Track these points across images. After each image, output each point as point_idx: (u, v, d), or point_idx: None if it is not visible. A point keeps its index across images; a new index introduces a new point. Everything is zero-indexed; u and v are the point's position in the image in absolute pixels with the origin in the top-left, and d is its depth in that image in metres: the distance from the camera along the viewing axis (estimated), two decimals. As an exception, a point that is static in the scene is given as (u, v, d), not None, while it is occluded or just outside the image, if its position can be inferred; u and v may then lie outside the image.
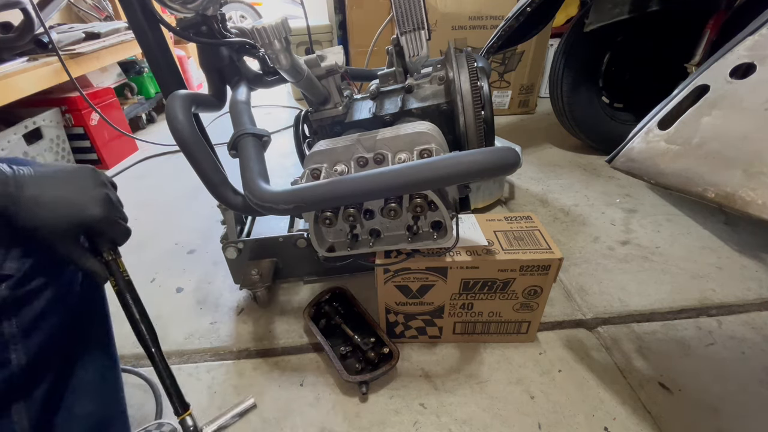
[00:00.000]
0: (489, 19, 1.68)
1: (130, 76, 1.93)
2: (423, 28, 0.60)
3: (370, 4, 1.73)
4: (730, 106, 0.48)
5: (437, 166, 0.48)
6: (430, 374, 0.72)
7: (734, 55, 0.48)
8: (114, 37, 1.65)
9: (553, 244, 0.68)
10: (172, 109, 0.59)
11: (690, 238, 1.04)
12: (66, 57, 1.35)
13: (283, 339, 0.81)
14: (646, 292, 0.88)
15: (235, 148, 0.62)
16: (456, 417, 0.65)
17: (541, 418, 0.65)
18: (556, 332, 0.79)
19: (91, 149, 1.56)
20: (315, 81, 0.63)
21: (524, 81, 1.83)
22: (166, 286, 0.96)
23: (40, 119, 1.36)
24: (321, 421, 0.66)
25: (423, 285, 0.70)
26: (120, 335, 0.83)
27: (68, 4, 1.97)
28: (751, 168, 0.45)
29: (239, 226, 0.89)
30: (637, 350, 0.75)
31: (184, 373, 0.75)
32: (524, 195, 1.26)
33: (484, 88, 0.61)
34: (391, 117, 0.65)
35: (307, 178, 0.60)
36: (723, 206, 0.47)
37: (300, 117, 0.74)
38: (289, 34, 0.51)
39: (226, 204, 0.63)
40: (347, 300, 0.82)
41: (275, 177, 1.44)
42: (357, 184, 0.50)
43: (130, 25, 0.67)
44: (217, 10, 0.68)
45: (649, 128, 0.54)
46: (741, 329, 0.78)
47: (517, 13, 1.12)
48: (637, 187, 1.26)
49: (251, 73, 0.76)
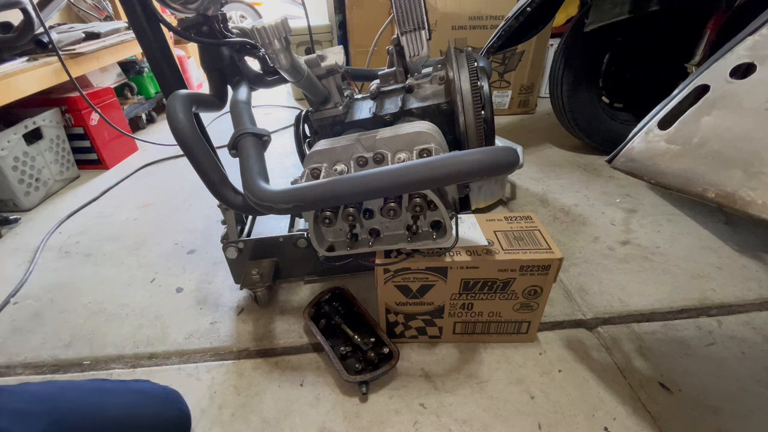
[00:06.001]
0: (489, 19, 1.68)
1: (130, 76, 1.93)
2: (423, 28, 0.60)
3: (370, 4, 1.73)
4: (730, 106, 0.48)
5: (436, 166, 0.48)
6: (430, 374, 0.72)
7: (734, 55, 0.48)
8: (114, 37, 1.65)
9: (553, 244, 0.68)
10: (172, 109, 0.59)
11: (690, 238, 1.04)
12: (66, 57, 1.35)
13: (283, 339, 0.81)
14: (646, 292, 0.88)
15: (235, 147, 0.62)
16: (456, 417, 0.65)
17: (541, 418, 0.65)
18: (556, 332, 0.79)
19: (91, 149, 1.56)
20: (315, 81, 0.63)
21: (524, 81, 1.83)
22: (166, 286, 0.96)
23: (40, 119, 1.36)
24: (321, 421, 0.66)
25: (423, 285, 0.70)
26: (120, 335, 0.84)
27: (68, 4, 1.97)
28: (751, 168, 0.45)
29: (239, 225, 0.89)
30: (637, 350, 0.75)
31: (184, 373, 0.75)
32: (524, 195, 1.26)
33: (484, 87, 0.61)
34: (391, 117, 0.65)
35: (307, 178, 0.60)
36: (723, 206, 0.47)
37: (300, 117, 0.74)
38: (289, 34, 0.51)
39: (226, 203, 0.63)
40: (347, 300, 0.82)
41: (275, 176, 1.45)
42: (356, 183, 0.50)
43: (130, 25, 0.67)
44: (217, 10, 0.68)
45: (649, 128, 0.54)
46: (741, 329, 0.78)
47: (517, 13, 1.12)
48: (637, 187, 1.26)
49: (252, 73, 0.76)
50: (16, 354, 0.80)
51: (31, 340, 0.83)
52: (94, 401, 0.47)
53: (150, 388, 0.55)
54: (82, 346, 0.81)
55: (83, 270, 1.03)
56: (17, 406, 0.41)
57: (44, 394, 0.44)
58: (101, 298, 0.93)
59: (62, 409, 0.43)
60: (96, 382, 0.51)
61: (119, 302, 0.92)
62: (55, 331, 0.85)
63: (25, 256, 1.09)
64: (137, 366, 0.77)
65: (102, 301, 0.92)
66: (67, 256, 1.08)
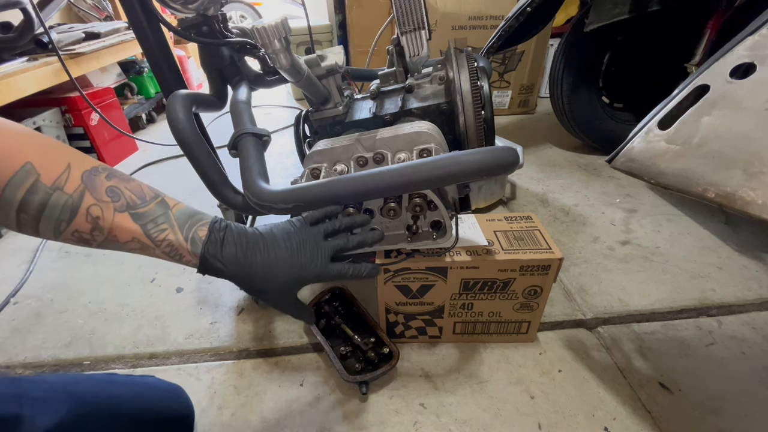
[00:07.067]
0: (489, 19, 1.68)
1: (130, 76, 1.93)
2: (423, 28, 0.60)
3: (370, 4, 1.73)
4: (730, 106, 0.48)
5: (436, 166, 0.48)
6: (430, 374, 0.72)
7: (734, 55, 0.48)
8: (114, 37, 1.65)
9: (553, 244, 0.68)
10: (172, 109, 0.59)
11: (690, 238, 1.04)
12: (66, 57, 1.35)
13: (283, 339, 0.81)
14: (646, 292, 0.88)
15: (235, 147, 0.62)
16: (456, 417, 0.65)
17: (541, 418, 0.65)
18: (556, 332, 0.79)
19: (91, 149, 1.56)
20: (315, 81, 0.63)
21: (524, 81, 1.83)
22: (166, 286, 0.96)
23: (40, 119, 1.36)
24: (321, 421, 0.66)
25: (423, 285, 0.70)
26: (120, 335, 0.84)
27: (68, 4, 1.97)
28: (751, 168, 0.45)
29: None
30: (637, 350, 0.75)
31: (184, 373, 0.75)
32: (524, 195, 1.26)
33: (484, 87, 0.60)
34: (391, 117, 0.65)
35: (307, 178, 0.60)
36: (723, 206, 0.47)
37: (300, 117, 0.74)
38: (289, 34, 0.51)
39: (226, 203, 0.63)
40: (347, 300, 0.82)
41: (275, 176, 1.45)
42: (356, 183, 0.50)
43: (130, 25, 0.67)
44: (218, 10, 0.68)
45: (649, 128, 0.54)
46: (741, 329, 0.78)
47: (517, 13, 1.12)
48: (637, 187, 1.26)
49: (252, 73, 0.76)
50: (16, 354, 0.80)
51: (31, 340, 0.83)
52: (107, 392, 0.48)
53: (157, 383, 0.55)
54: (82, 346, 0.81)
55: (83, 270, 1.03)
56: (37, 394, 0.41)
57: (61, 383, 0.45)
58: (101, 298, 0.93)
59: (78, 399, 0.44)
60: (106, 375, 0.52)
61: (119, 302, 0.92)
62: (55, 331, 0.85)
63: (25, 256, 1.09)
64: (137, 366, 0.77)
65: (102, 301, 0.92)
66: (67, 256, 1.08)
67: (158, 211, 0.41)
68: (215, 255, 0.42)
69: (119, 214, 0.38)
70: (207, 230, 0.43)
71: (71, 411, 0.42)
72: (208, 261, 0.42)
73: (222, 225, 0.44)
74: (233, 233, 0.44)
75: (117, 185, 0.39)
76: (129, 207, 0.39)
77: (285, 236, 0.47)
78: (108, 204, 0.38)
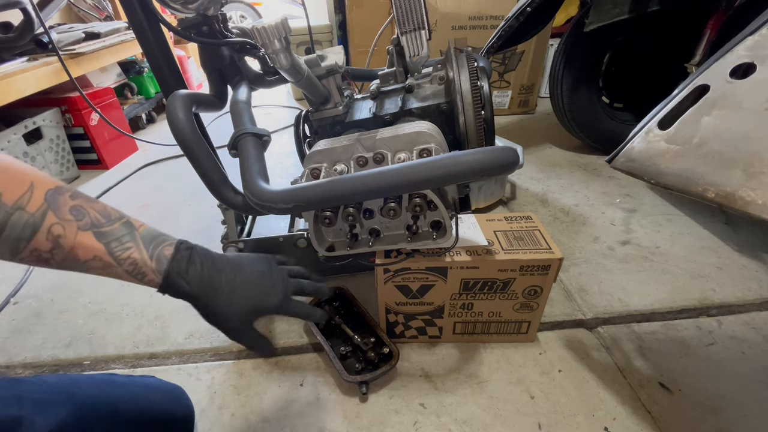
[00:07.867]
0: (489, 19, 1.68)
1: (130, 76, 1.93)
2: (423, 27, 0.60)
3: (370, 4, 1.73)
4: (730, 106, 0.48)
5: (436, 166, 0.48)
6: (430, 374, 0.72)
7: (734, 55, 0.48)
8: (114, 37, 1.65)
9: (553, 244, 0.68)
10: (172, 109, 0.59)
11: (690, 238, 1.04)
12: (66, 57, 1.35)
13: (283, 339, 0.81)
14: (646, 292, 0.88)
15: (235, 147, 0.62)
16: (456, 417, 0.65)
17: (541, 418, 0.65)
18: (556, 332, 0.79)
19: (91, 149, 1.56)
20: (315, 81, 0.63)
21: (524, 81, 1.83)
22: (166, 286, 0.96)
23: (40, 119, 1.36)
24: (321, 421, 0.66)
25: (423, 285, 0.70)
26: (120, 335, 0.84)
27: (68, 4, 1.96)
28: (751, 168, 0.45)
29: (239, 225, 0.89)
30: (637, 350, 0.75)
31: (184, 373, 0.75)
32: (524, 195, 1.26)
33: (484, 87, 0.60)
34: (391, 117, 0.65)
35: (307, 178, 0.60)
36: (723, 206, 0.47)
37: (300, 117, 0.74)
38: (289, 34, 0.51)
39: (226, 203, 0.63)
40: (347, 300, 0.82)
41: (275, 176, 1.45)
42: (356, 183, 0.50)
43: (130, 25, 0.67)
44: (218, 10, 0.68)
45: (649, 128, 0.54)
46: (741, 329, 0.78)
47: (517, 13, 1.12)
48: (637, 187, 1.26)
49: (252, 73, 0.76)
50: (16, 354, 0.80)
51: (31, 340, 0.83)
52: (107, 393, 0.47)
53: (157, 383, 0.55)
54: (82, 346, 0.81)
55: (83, 270, 1.03)
56: (37, 396, 0.41)
57: (60, 385, 0.45)
58: (101, 298, 0.93)
59: (78, 400, 0.44)
60: (107, 376, 0.52)
61: (119, 302, 0.92)
62: (55, 331, 0.85)
63: (25, 256, 1.09)
64: (137, 366, 0.77)
65: (102, 301, 0.92)
66: (67, 256, 1.08)
67: (123, 231, 0.41)
68: (180, 273, 0.42)
69: (82, 232, 0.38)
70: (173, 249, 0.43)
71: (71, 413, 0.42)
72: (172, 279, 0.42)
73: (188, 245, 0.44)
74: (199, 254, 0.44)
75: (82, 204, 0.39)
76: (93, 226, 0.39)
77: (251, 263, 0.48)
78: (71, 222, 0.37)
